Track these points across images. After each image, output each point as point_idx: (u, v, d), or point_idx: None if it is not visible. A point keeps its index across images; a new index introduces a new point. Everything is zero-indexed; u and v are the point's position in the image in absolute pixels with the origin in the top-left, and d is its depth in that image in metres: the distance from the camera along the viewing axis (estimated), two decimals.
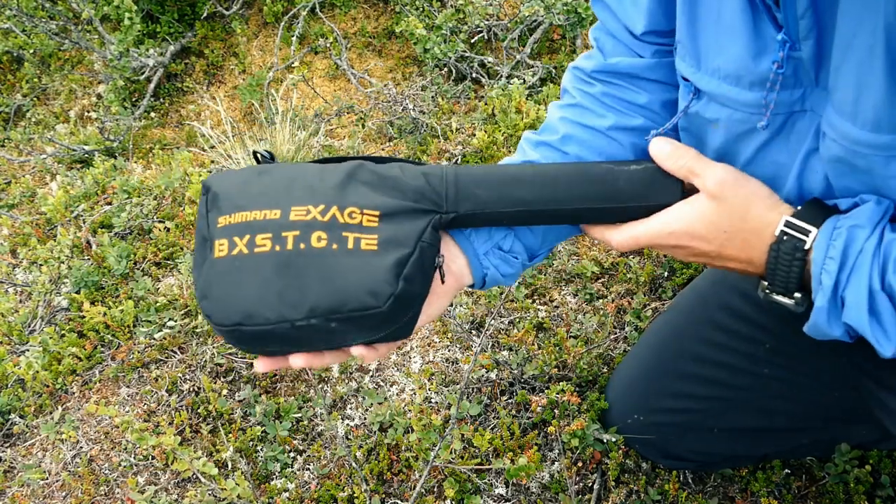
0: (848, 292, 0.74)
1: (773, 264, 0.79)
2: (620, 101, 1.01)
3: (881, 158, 0.73)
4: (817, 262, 0.75)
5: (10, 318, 1.82)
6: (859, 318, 0.73)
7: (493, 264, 0.96)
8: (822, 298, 0.75)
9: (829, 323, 0.76)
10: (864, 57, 0.68)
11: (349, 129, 2.49)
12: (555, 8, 2.45)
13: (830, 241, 0.75)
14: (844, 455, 1.30)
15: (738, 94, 0.83)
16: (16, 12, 2.79)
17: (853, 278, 0.73)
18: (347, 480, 1.40)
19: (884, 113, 0.69)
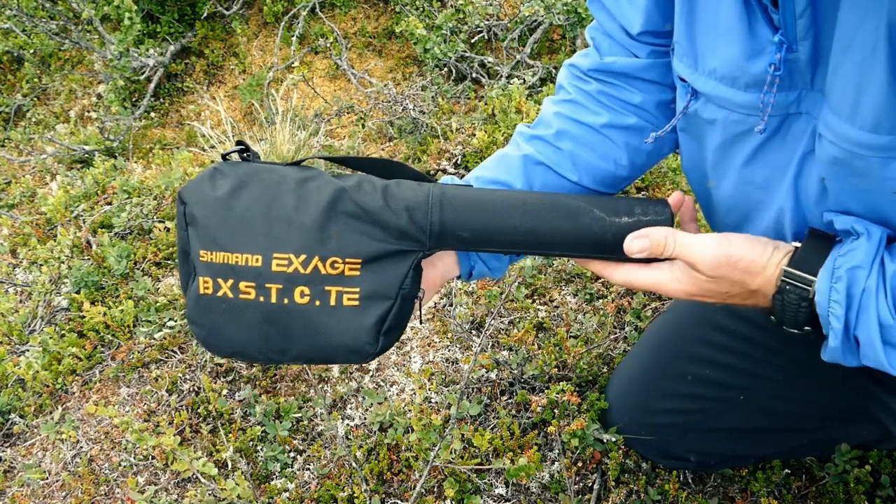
0: (859, 332, 0.75)
1: (780, 309, 0.81)
2: (615, 100, 1.02)
3: (879, 160, 0.72)
4: (822, 306, 0.77)
5: (10, 318, 1.82)
6: (876, 355, 0.75)
7: (480, 258, 0.98)
8: (835, 340, 0.77)
9: (846, 358, 0.78)
10: (865, 57, 0.68)
11: (349, 129, 2.49)
12: (555, 8, 2.45)
13: (832, 284, 0.76)
14: (844, 455, 1.30)
15: (734, 95, 0.83)
16: (16, 12, 2.79)
17: (861, 318, 0.75)
18: (347, 480, 1.41)
19: (884, 113, 0.69)
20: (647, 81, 1.00)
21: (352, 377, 1.62)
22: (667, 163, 2.02)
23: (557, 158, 1.02)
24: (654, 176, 1.99)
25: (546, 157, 1.01)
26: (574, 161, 1.02)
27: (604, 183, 1.05)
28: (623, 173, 1.05)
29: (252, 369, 1.63)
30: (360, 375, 1.62)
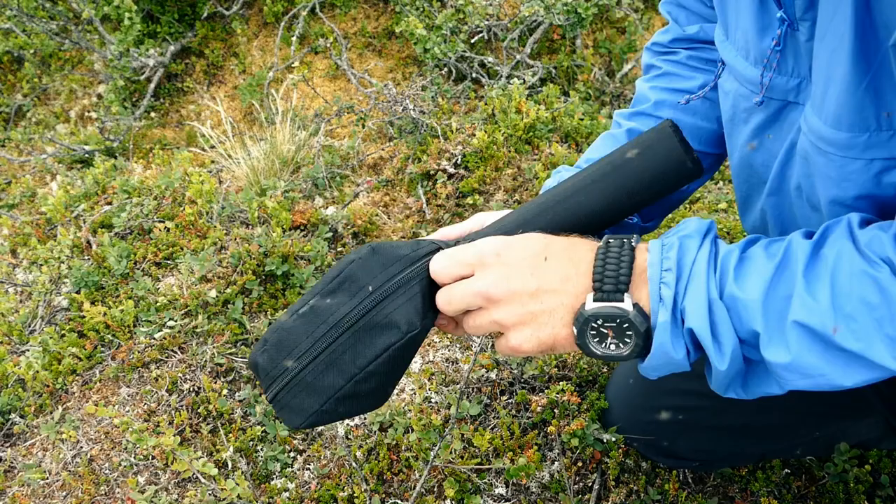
0: (687, 302, 0.68)
1: (602, 259, 0.71)
2: (706, 62, 1.05)
3: (839, 158, 0.71)
4: (654, 279, 0.70)
5: (10, 318, 1.82)
6: (701, 325, 0.68)
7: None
8: (665, 313, 0.68)
9: (674, 342, 0.69)
10: (835, 47, 0.67)
11: (349, 129, 2.49)
12: (555, 8, 2.45)
13: (663, 254, 0.70)
14: (844, 455, 1.30)
15: (744, 68, 0.84)
16: (16, 12, 2.79)
17: (690, 288, 0.69)
18: (347, 480, 1.41)
19: (844, 109, 0.68)
20: None
21: None
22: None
23: None
24: None
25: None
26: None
27: (710, 143, 1.07)
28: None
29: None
30: None
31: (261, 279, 1.78)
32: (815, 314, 0.63)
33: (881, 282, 0.61)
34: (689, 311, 0.68)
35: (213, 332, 1.68)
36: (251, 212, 1.95)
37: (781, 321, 0.65)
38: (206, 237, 1.92)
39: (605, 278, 0.70)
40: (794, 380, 0.67)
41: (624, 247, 0.72)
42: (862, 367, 0.63)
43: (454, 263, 0.75)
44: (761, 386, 0.71)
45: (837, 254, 0.65)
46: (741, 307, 0.66)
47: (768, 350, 0.66)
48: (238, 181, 2.24)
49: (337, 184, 2.21)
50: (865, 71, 0.65)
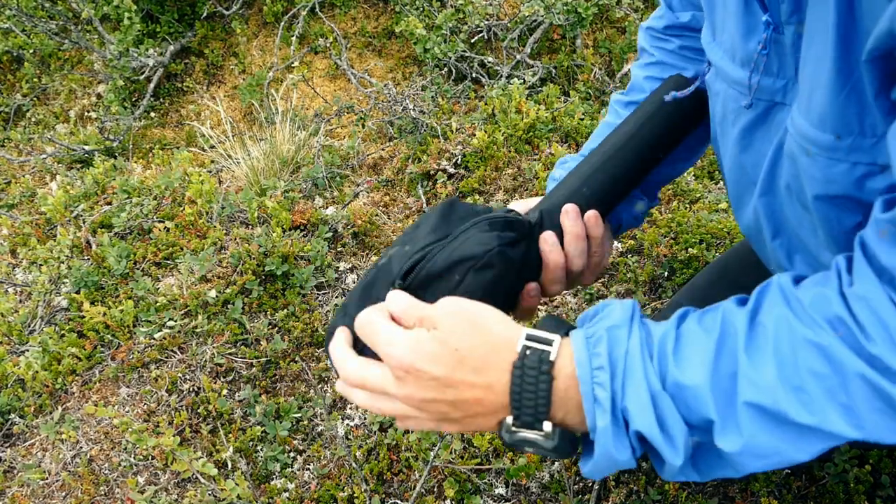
0: (628, 402, 0.63)
1: (519, 384, 0.66)
2: (698, 52, 1.07)
3: (824, 159, 0.70)
4: (585, 380, 0.64)
5: (10, 318, 1.82)
6: (649, 424, 0.63)
7: (623, 210, 1.06)
8: (605, 416, 0.63)
9: (617, 445, 0.64)
10: (819, 52, 0.67)
11: (349, 128, 2.49)
12: (555, 8, 2.45)
13: (591, 350, 0.65)
14: (844, 455, 1.30)
15: (732, 69, 0.84)
16: (16, 12, 2.79)
17: (629, 385, 0.63)
18: (347, 480, 1.41)
19: (828, 111, 0.67)
20: None
21: None
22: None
23: None
24: None
25: None
26: None
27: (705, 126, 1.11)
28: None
29: (252, 369, 1.63)
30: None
31: (261, 279, 1.78)
32: (764, 391, 0.60)
33: (827, 350, 0.59)
34: (633, 412, 0.63)
35: (213, 332, 1.68)
36: (251, 212, 1.95)
37: (731, 403, 0.62)
38: (205, 237, 1.92)
39: (522, 407, 0.66)
40: (749, 463, 0.63)
41: (541, 370, 0.65)
42: (818, 439, 0.61)
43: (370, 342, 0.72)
44: (714, 469, 0.67)
45: (776, 322, 0.62)
46: (689, 395, 0.63)
47: (722, 437, 0.62)
48: (238, 181, 2.24)
49: (337, 184, 2.21)
50: (848, 76, 0.65)
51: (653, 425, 0.62)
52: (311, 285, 1.78)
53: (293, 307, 1.73)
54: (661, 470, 0.68)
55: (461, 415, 0.69)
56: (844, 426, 0.59)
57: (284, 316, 1.70)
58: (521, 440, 0.68)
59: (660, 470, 0.68)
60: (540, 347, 0.66)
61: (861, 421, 0.59)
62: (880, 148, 0.67)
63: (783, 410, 0.60)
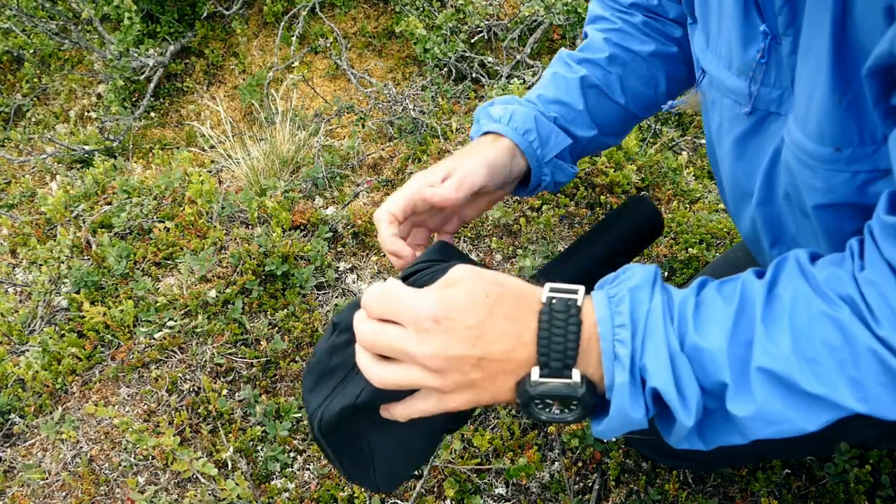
0: (647, 359, 0.64)
1: (547, 328, 0.65)
2: (659, 33, 1.08)
3: (823, 171, 0.71)
4: (606, 337, 0.64)
5: (10, 318, 1.82)
6: (666, 382, 0.63)
7: (550, 171, 1.03)
8: (623, 373, 0.64)
9: (633, 402, 0.65)
10: (815, 67, 0.67)
11: (349, 129, 2.49)
12: (555, 8, 2.45)
13: (613, 309, 0.65)
14: (844, 455, 1.30)
15: (728, 78, 0.84)
16: (16, 12, 2.79)
17: (648, 343, 0.64)
18: (347, 480, 1.41)
19: (826, 125, 0.68)
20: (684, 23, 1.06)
21: None
22: (667, 163, 2.02)
23: (608, 81, 1.08)
24: (654, 176, 1.99)
25: (599, 80, 1.07)
26: (622, 86, 1.08)
27: (646, 108, 1.12)
28: (660, 100, 1.12)
29: (252, 369, 1.63)
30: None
31: (261, 279, 1.78)
32: (777, 360, 0.61)
33: (842, 323, 0.60)
34: (652, 369, 0.63)
35: (213, 332, 1.68)
36: (251, 212, 1.95)
37: (745, 369, 0.63)
38: (205, 237, 1.92)
39: (551, 353, 0.65)
40: (758, 429, 0.65)
41: (570, 313, 0.65)
42: (825, 409, 0.62)
43: (386, 310, 0.68)
44: (720, 436, 0.68)
45: (793, 295, 0.63)
46: (706, 358, 0.64)
47: (734, 402, 0.63)
48: (238, 181, 2.24)
49: (337, 184, 2.21)
50: (844, 91, 0.65)
51: (670, 383, 0.63)
52: (311, 285, 1.78)
53: (293, 307, 1.73)
54: (667, 434, 0.69)
55: (482, 375, 0.66)
56: (851, 399, 0.61)
57: (284, 316, 1.70)
58: (546, 392, 0.66)
59: (667, 434, 0.69)
60: (566, 296, 0.67)
61: (867, 394, 0.60)
62: (881, 154, 0.67)
63: (795, 379, 0.61)
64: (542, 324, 0.65)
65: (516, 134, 0.99)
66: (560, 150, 1.02)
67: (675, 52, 1.08)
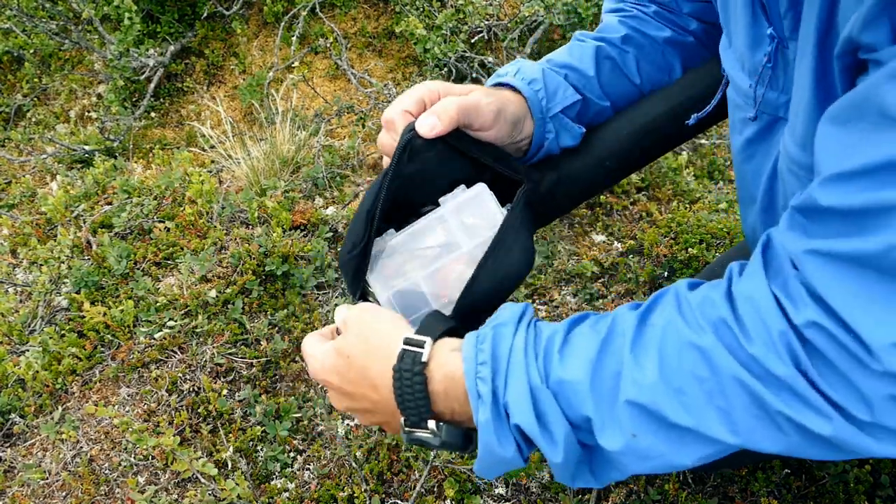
0: (509, 396, 0.64)
1: (399, 386, 0.69)
2: (673, 23, 1.07)
3: (807, 180, 0.70)
4: (470, 375, 0.66)
5: (10, 318, 1.82)
6: (526, 417, 0.63)
7: (555, 129, 0.97)
8: (485, 411, 0.64)
9: (500, 440, 0.65)
10: (805, 69, 0.67)
11: (349, 129, 2.49)
12: (555, 8, 2.45)
13: (478, 346, 0.67)
14: None
15: (740, 79, 0.84)
16: (16, 12, 2.79)
17: (511, 380, 0.64)
18: (347, 480, 1.41)
19: (809, 132, 0.67)
20: (699, 20, 1.06)
21: None
22: (667, 163, 2.02)
23: (624, 59, 1.05)
24: (654, 175, 1.99)
25: (615, 55, 1.05)
26: (638, 66, 1.05)
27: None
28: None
29: (252, 369, 1.63)
30: None
31: (261, 279, 1.78)
32: (644, 391, 0.60)
33: (707, 351, 0.59)
34: (513, 405, 0.64)
35: (213, 332, 1.68)
36: (251, 212, 1.95)
37: (612, 402, 0.62)
38: (206, 237, 1.92)
39: (406, 408, 0.70)
40: (630, 464, 0.63)
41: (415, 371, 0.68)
42: (698, 443, 0.60)
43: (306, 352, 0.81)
44: (610, 472, 0.67)
45: (665, 324, 0.63)
46: (569, 391, 0.63)
47: (603, 435, 0.63)
48: (238, 181, 2.24)
49: (337, 184, 2.21)
50: (825, 99, 0.65)
51: (531, 419, 0.63)
52: (311, 285, 1.78)
53: (293, 307, 1.73)
54: (554, 473, 0.69)
55: (382, 418, 0.75)
56: (722, 430, 0.59)
57: (284, 316, 1.70)
58: (416, 439, 0.72)
59: (554, 472, 0.68)
60: (413, 350, 0.69)
61: (737, 426, 0.58)
62: None
63: (662, 410, 0.60)
64: (395, 381, 0.70)
65: (522, 83, 0.94)
66: (567, 105, 0.97)
67: (692, 42, 1.06)
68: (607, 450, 0.63)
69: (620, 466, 0.64)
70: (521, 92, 0.93)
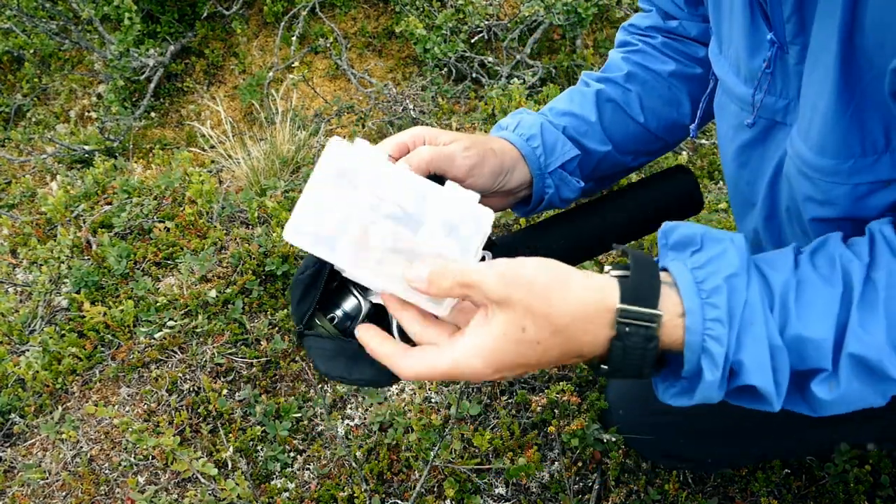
0: (744, 355, 0.61)
1: (621, 357, 0.63)
2: (681, 53, 1.06)
3: (823, 183, 0.71)
4: (696, 331, 0.61)
5: (10, 318, 1.82)
6: (765, 379, 0.62)
7: (555, 184, 0.97)
8: (715, 371, 0.61)
9: (720, 392, 0.63)
10: (821, 77, 0.67)
11: (349, 129, 2.49)
12: (555, 8, 2.45)
13: (704, 300, 0.62)
14: (844, 455, 1.30)
15: (735, 85, 0.84)
16: (16, 12, 2.79)
17: (746, 339, 0.61)
18: (347, 480, 1.41)
19: (829, 137, 0.68)
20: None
21: None
22: (667, 163, 2.02)
23: (626, 99, 1.05)
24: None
25: (616, 96, 1.04)
26: (641, 104, 1.05)
27: (669, 130, 1.08)
28: (685, 121, 1.08)
29: (252, 369, 1.63)
30: None
31: (261, 279, 1.78)
32: (871, 348, 0.61)
33: None
34: (750, 366, 0.61)
35: (213, 332, 1.68)
36: (251, 212, 1.95)
37: (838, 353, 0.63)
38: (206, 237, 1.92)
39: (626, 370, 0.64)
40: (834, 409, 0.64)
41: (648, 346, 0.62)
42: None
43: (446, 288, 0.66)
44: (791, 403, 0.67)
45: (887, 279, 0.63)
46: (810, 347, 0.63)
47: (821, 385, 0.63)
48: (238, 181, 2.24)
49: None
50: (849, 101, 0.65)
51: (769, 380, 0.62)
52: None
53: None
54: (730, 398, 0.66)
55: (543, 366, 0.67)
56: None
57: (284, 316, 1.70)
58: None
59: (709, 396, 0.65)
60: (643, 324, 0.62)
61: None
62: (882, 164, 0.67)
63: (885, 367, 0.61)
64: (614, 354, 0.63)
65: (520, 139, 0.95)
66: (566, 161, 0.97)
67: (699, 73, 1.05)
68: (820, 397, 0.63)
69: (820, 409, 0.65)
70: (519, 149, 0.94)
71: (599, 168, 1.04)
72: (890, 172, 0.67)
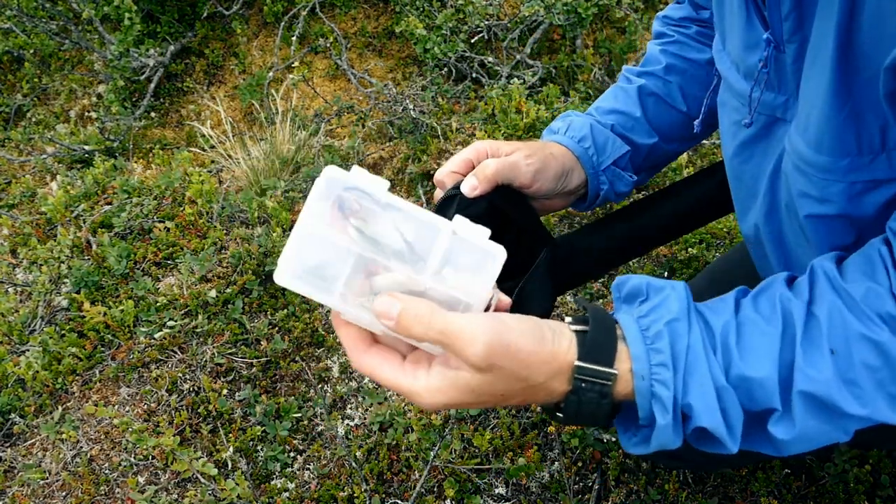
0: (692, 398, 0.62)
1: (575, 409, 0.64)
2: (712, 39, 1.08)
3: (820, 180, 0.71)
4: (643, 376, 0.62)
5: (10, 318, 1.82)
6: (714, 419, 0.62)
7: (609, 180, 1.03)
8: (665, 415, 0.62)
9: (676, 438, 0.64)
10: (819, 74, 0.67)
11: (349, 129, 2.49)
12: (555, 8, 2.45)
13: (649, 346, 0.63)
14: (844, 455, 1.30)
15: (735, 81, 0.85)
16: (16, 12, 2.79)
17: (692, 381, 0.62)
18: (347, 480, 1.41)
19: (825, 133, 0.68)
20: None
21: (352, 377, 1.62)
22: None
23: (667, 90, 1.08)
24: (654, 177, 1.99)
25: (658, 89, 1.08)
26: (683, 93, 1.08)
27: (711, 113, 1.09)
28: None
29: (252, 369, 1.63)
30: (360, 375, 1.62)
31: (261, 279, 1.78)
32: (818, 384, 0.62)
33: (882, 345, 0.61)
34: (698, 408, 0.62)
35: (213, 332, 1.68)
36: (251, 212, 1.95)
37: (788, 392, 0.63)
38: (206, 237, 1.92)
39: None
40: (795, 447, 0.64)
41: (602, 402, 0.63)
42: (861, 424, 0.63)
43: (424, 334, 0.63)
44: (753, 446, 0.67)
45: (828, 314, 0.63)
46: (755, 386, 0.63)
47: (777, 425, 0.63)
48: (238, 181, 2.24)
49: None
50: (845, 99, 0.65)
51: (718, 421, 0.63)
52: None
53: (293, 307, 1.73)
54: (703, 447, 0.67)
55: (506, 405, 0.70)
56: (891, 414, 0.62)
57: (284, 316, 1.70)
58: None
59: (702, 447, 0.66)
60: (598, 381, 0.63)
61: None
62: (878, 163, 0.67)
63: (836, 402, 0.62)
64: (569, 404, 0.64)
65: (572, 142, 1.00)
66: (618, 158, 1.02)
67: None
68: (778, 438, 0.64)
69: (783, 449, 0.65)
70: (572, 150, 1.00)
71: (649, 159, 1.09)
72: (886, 173, 0.67)
